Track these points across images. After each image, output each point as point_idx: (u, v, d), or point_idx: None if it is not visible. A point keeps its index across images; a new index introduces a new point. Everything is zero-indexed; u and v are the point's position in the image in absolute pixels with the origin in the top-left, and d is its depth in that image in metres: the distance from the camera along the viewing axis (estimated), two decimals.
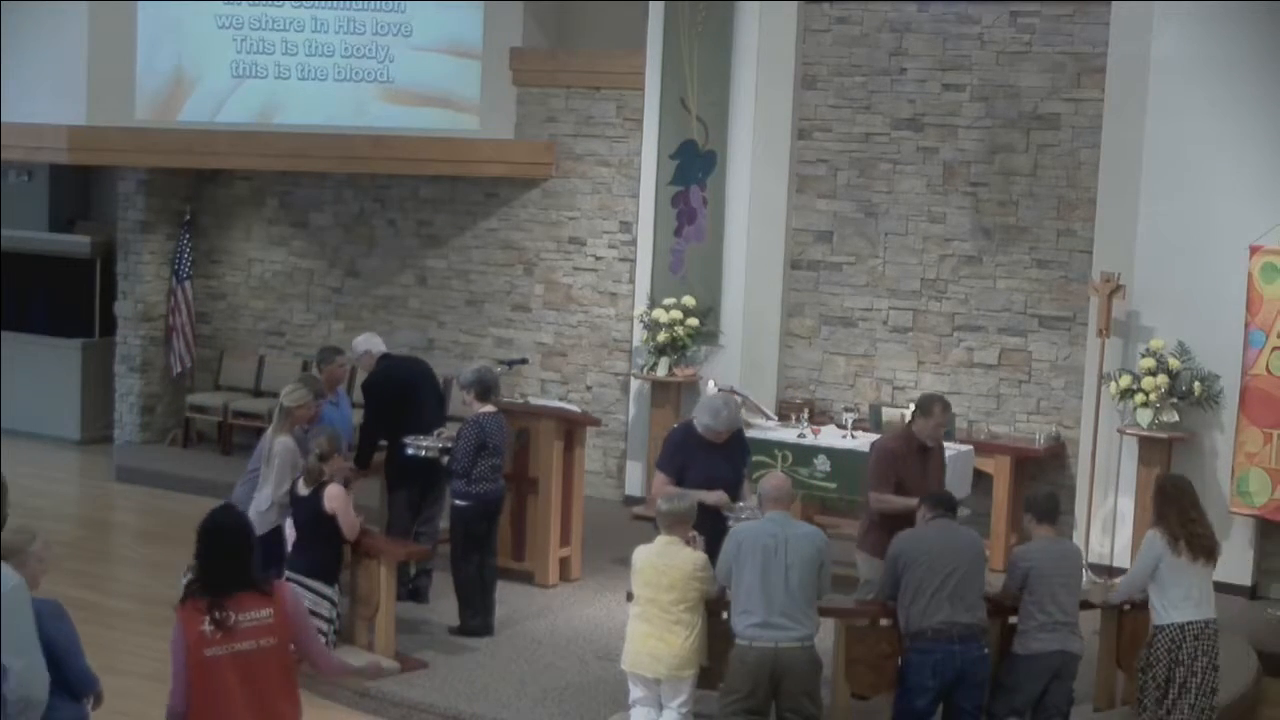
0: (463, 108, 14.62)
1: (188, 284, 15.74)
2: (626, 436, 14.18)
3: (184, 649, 5.96)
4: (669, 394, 13.59)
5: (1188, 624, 8.31)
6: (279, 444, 9.92)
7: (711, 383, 13.14)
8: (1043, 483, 12.27)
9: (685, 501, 8.37)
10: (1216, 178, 11.67)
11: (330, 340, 14.96)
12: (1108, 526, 12.02)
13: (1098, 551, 11.95)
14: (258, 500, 9.93)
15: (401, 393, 10.97)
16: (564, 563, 11.57)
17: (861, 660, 8.51)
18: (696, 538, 8.35)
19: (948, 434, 10.28)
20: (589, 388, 14.54)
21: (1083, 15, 12.52)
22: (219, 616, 6.00)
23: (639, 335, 13.79)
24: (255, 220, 16.14)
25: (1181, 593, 8.33)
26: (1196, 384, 11.66)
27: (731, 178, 13.55)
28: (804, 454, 11.50)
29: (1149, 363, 11.69)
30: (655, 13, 13.73)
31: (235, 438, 15.57)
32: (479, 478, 10.20)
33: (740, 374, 13.29)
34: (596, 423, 12.50)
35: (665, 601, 8.14)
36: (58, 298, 16.64)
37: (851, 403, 13.26)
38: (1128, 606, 8.99)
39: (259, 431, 11.99)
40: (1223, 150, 11.64)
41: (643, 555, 8.27)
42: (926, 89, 13.13)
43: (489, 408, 10.37)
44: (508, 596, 10.76)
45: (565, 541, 11.55)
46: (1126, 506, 11.90)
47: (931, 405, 9.30)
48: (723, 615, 8.29)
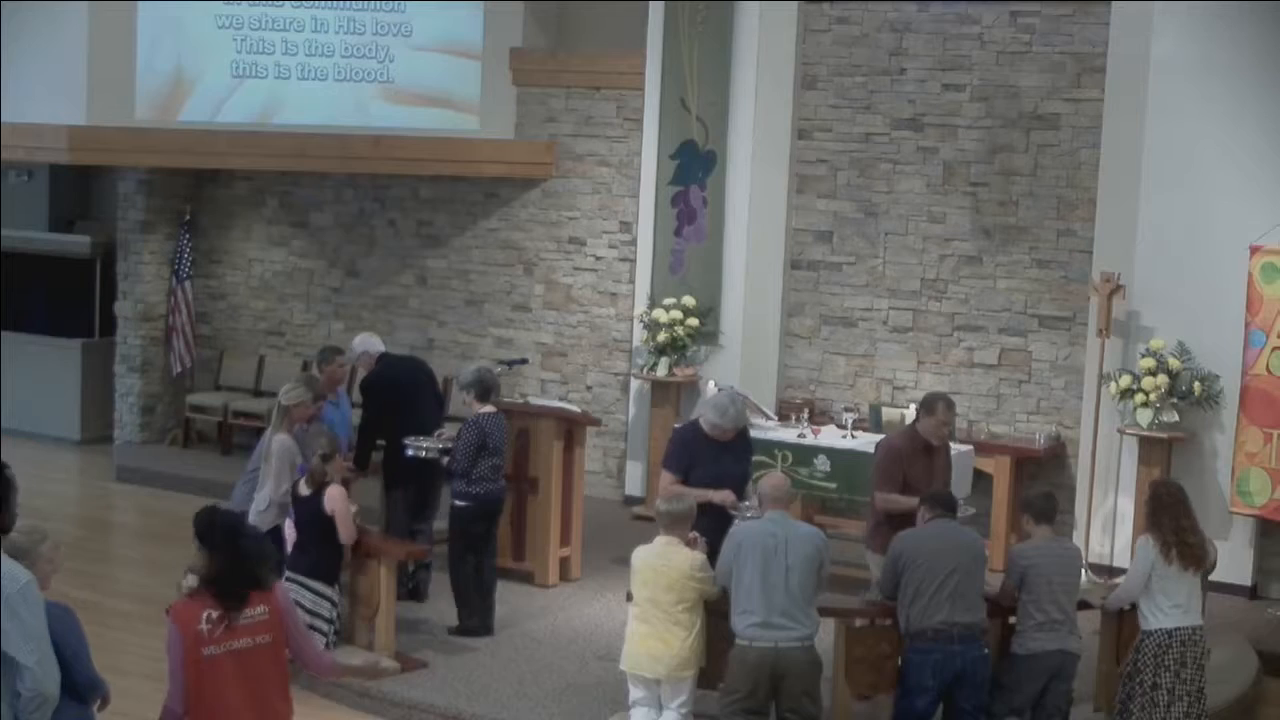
0: (463, 108, 14.62)
1: (188, 284, 15.74)
2: (626, 436, 14.18)
3: (181, 649, 5.96)
4: (669, 394, 13.59)
5: (1175, 630, 8.31)
6: (277, 442, 9.92)
7: (712, 383, 13.15)
8: (1043, 483, 12.24)
9: (684, 503, 8.37)
10: (1216, 178, 11.66)
11: (330, 340, 14.96)
12: (1108, 526, 12.02)
13: (1098, 551, 11.95)
14: (257, 500, 9.94)
15: (400, 392, 10.97)
16: (564, 563, 11.57)
17: (861, 660, 8.51)
18: (698, 539, 8.35)
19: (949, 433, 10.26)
20: (589, 388, 14.54)
21: (1083, 15, 12.52)
22: (229, 615, 6.01)
23: (639, 335, 13.79)
24: (255, 220, 16.14)
25: (1170, 600, 8.33)
26: (1196, 384, 11.65)
27: (731, 178, 13.55)
28: (804, 454, 11.50)
29: (1149, 363, 11.68)
30: (655, 13, 13.73)
31: (235, 438, 15.57)
32: (479, 478, 10.20)
33: (740, 374, 13.28)
34: (596, 423, 12.50)
35: (664, 602, 8.14)
36: (58, 298, 16.64)
37: (851, 403, 13.26)
38: (1126, 607, 8.98)
39: (259, 431, 12.00)
40: (1223, 150, 11.63)
41: (641, 556, 8.27)
42: (926, 89, 13.13)
43: (489, 408, 10.37)
44: (508, 596, 10.76)
45: (565, 541, 11.55)
46: (1126, 506, 11.89)
47: (935, 403, 9.31)
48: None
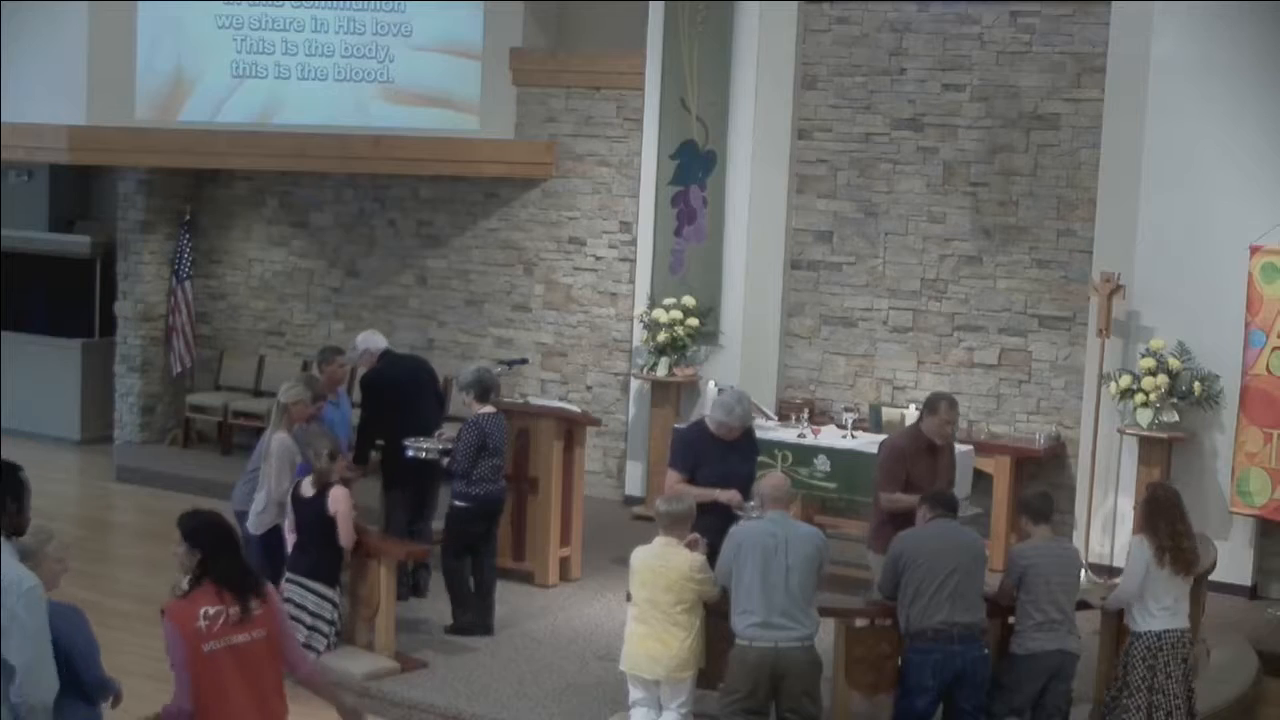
0: (463, 108, 14.62)
1: (188, 284, 15.73)
2: (626, 436, 14.18)
3: (183, 646, 5.96)
4: (669, 394, 13.59)
5: (1164, 632, 8.34)
6: (276, 441, 9.93)
7: (712, 383, 13.15)
8: (1042, 483, 12.25)
9: (684, 503, 8.37)
10: (1216, 178, 11.66)
11: (330, 340, 14.97)
12: (1108, 526, 12.02)
13: (1098, 551, 11.95)
14: (256, 500, 9.94)
15: (400, 391, 10.98)
16: (564, 563, 11.57)
17: (861, 660, 8.51)
18: (698, 539, 8.35)
19: None
20: (589, 388, 14.54)
21: (1083, 15, 12.52)
22: (244, 609, 6.05)
23: (639, 335, 13.79)
24: (255, 220, 16.14)
25: (1158, 603, 8.35)
26: (1196, 384, 11.65)
27: (731, 178, 13.55)
28: (804, 454, 11.51)
29: (1149, 363, 11.68)
30: (655, 13, 13.73)
31: (235, 438, 15.57)
32: (479, 479, 10.20)
33: (740, 374, 13.28)
34: (596, 423, 12.50)
35: (663, 603, 8.13)
36: (58, 298, 16.64)
37: (851, 403, 13.26)
38: (1126, 608, 8.98)
39: (259, 431, 11.99)
40: (1223, 150, 11.63)
41: (640, 557, 8.26)
42: (926, 89, 13.13)
43: (488, 408, 10.37)
44: (508, 596, 10.76)
45: (565, 541, 11.55)
46: (1126, 506, 11.88)
47: (938, 403, 9.31)
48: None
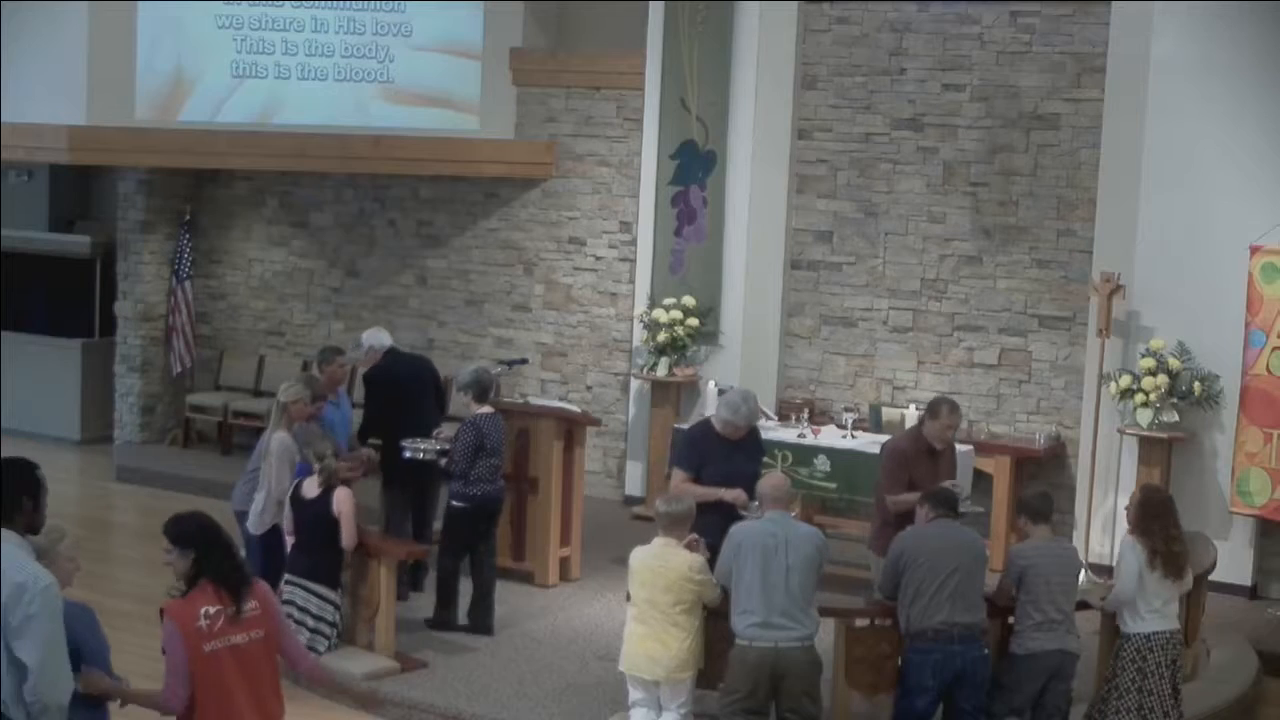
0: (463, 108, 14.62)
1: (188, 284, 15.73)
2: (626, 436, 14.18)
3: (183, 646, 5.96)
4: (669, 394, 13.59)
5: (1154, 634, 8.36)
6: (276, 440, 9.93)
7: (712, 383, 13.15)
8: (1042, 483, 12.25)
9: (683, 504, 8.36)
10: (1216, 178, 11.66)
11: (330, 340, 14.97)
12: (1108, 526, 12.01)
13: (1097, 551, 11.95)
14: (256, 500, 9.94)
15: (401, 389, 10.99)
16: (564, 563, 11.57)
17: (861, 660, 8.50)
18: (698, 540, 8.34)
19: None
20: (589, 388, 14.54)
21: (1083, 15, 12.52)
22: (238, 608, 6.06)
23: (639, 335, 13.79)
24: (255, 220, 16.14)
25: (1148, 605, 8.37)
26: (1196, 384, 11.65)
27: (731, 178, 13.55)
28: (804, 454, 11.51)
29: (1149, 363, 11.68)
30: (655, 13, 13.73)
31: (235, 438, 15.57)
32: (477, 479, 10.20)
33: (740, 374, 13.27)
34: (596, 423, 12.50)
35: (662, 603, 8.12)
36: (58, 298, 16.64)
37: (851, 403, 13.26)
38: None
39: (259, 431, 11.98)
40: (1223, 150, 11.63)
41: (639, 557, 8.25)
42: (926, 89, 13.13)
43: (486, 409, 10.38)
44: (508, 596, 10.76)
45: (565, 541, 11.54)
46: None
47: (939, 407, 9.30)
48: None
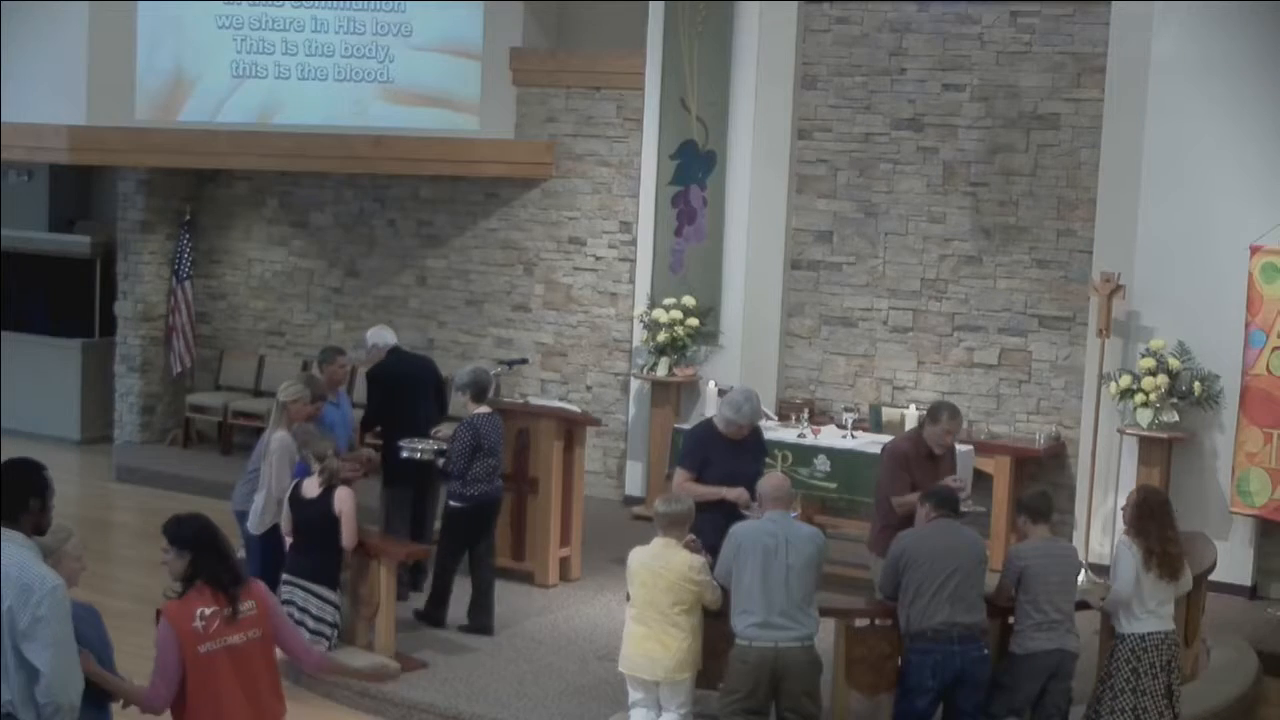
0: (463, 108, 14.62)
1: (188, 284, 15.73)
2: (626, 436, 14.18)
3: (176, 647, 5.98)
4: (669, 394, 13.58)
5: (1148, 635, 8.36)
6: (276, 440, 9.92)
7: (713, 383, 13.15)
8: (1042, 482, 12.26)
9: (683, 504, 8.36)
10: (1216, 178, 11.66)
11: (330, 340, 14.98)
12: (1107, 527, 12.01)
13: (1097, 552, 11.94)
14: (256, 501, 9.93)
15: (403, 387, 11.00)
16: (564, 563, 11.57)
17: (861, 660, 8.50)
18: (695, 541, 8.33)
19: None
20: (589, 388, 14.54)
21: (1083, 15, 12.52)
22: (234, 609, 6.07)
23: (639, 335, 13.79)
24: (255, 220, 16.13)
25: (1143, 606, 8.37)
26: (1196, 384, 11.65)
27: (731, 178, 13.54)
28: (804, 454, 11.51)
29: (1149, 363, 11.68)
30: (655, 13, 13.73)
31: (235, 438, 15.57)
32: (474, 479, 10.20)
33: (740, 374, 13.27)
34: (596, 423, 12.50)
35: (662, 604, 8.12)
36: (58, 298, 16.63)
37: (851, 403, 13.26)
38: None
39: (259, 431, 11.99)
40: (1223, 150, 11.63)
41: (639, 558, 8.24)
42: (926, 89, 13.13)
43: (484, 409, 10.38)
44: (508, 596, 10.76)
45: (565, 541, 11.55)
46: None
47: (939, 412, 9.28)
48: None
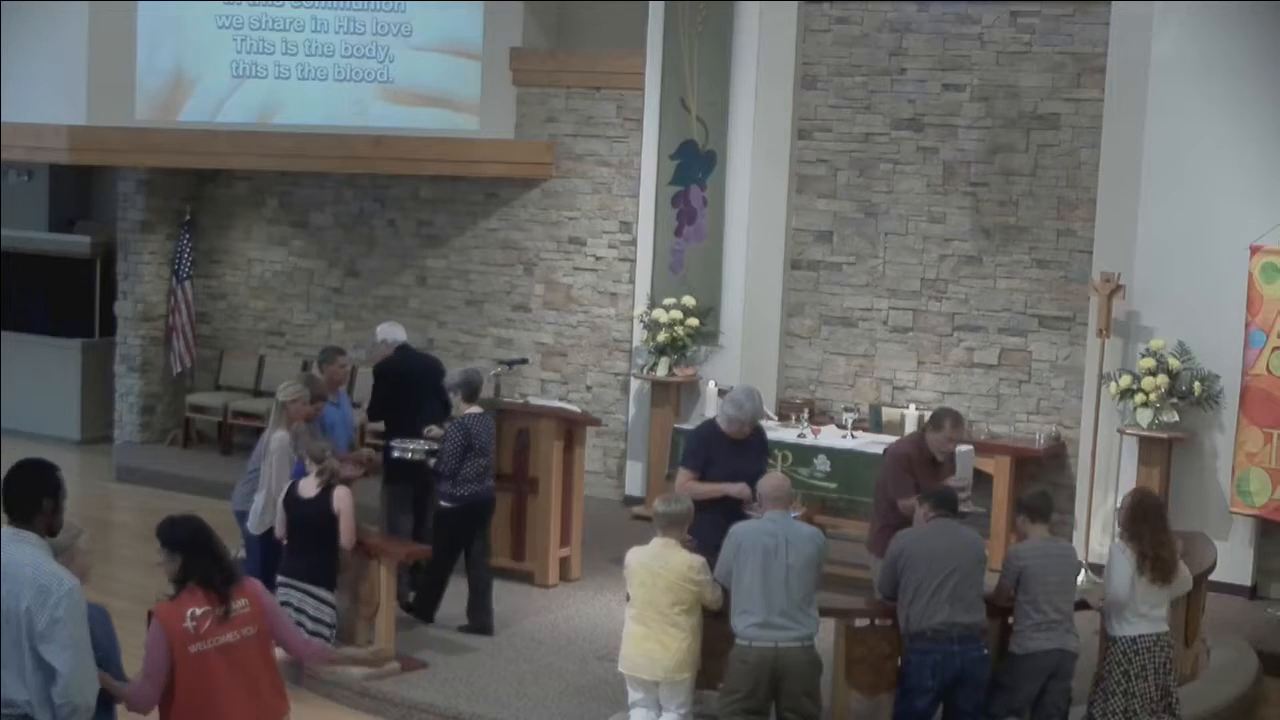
0: (463, 108, 14.62)
1: (188, 284, 15.73)
2: (626, 436, 14.17)
3: (166, 648, 6.00)
4: (669, 394, 13.58)
5: (1140, 637, 8.37)
6: (275, 440, 9.92)
7: (713, 383, 13.15)
8: (1042, 482, 12.26)
9: (682, 504, 8.35)
10: (1216, 178, 11.66)
11: (330, 340, 14.98)
12: (1107, 526, 11.99)
13: (1097, 552, 11.92)
14: (256, 501, 9.93)
15: (407, 385, 11.01)
16: (564, 563, 11.57)
17: (861, 660, 8.50)
18: (690, 541, 8.32)
19: None
20: (589, 388, 14.54)
21: (1083, 15, 12.52)
22: (226, 609, 6.09)
23: (639, 335, 13.79)
24: (255, 220, 16.13)
25: (1135, 610, 8.38)
26: (1196, 384, 11.65)
27: (731, 178, 13.54)
28: (804, 454, 11.51)
29: (1149, 363, 11.68)
30: (655, 13, 13.73)
31: (235, 438, 15.57)
32: (464, 479, 10.22)
33: (740, 374, 13.26)
34: (596, 423, 12.50)
35: (661, 604, 8.11)
36: (58, 298, 16.64)
37: (851, 403, 13.26)
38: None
39: (259, 431, 11.98)
40: (1223, 150, 11.63)
41: (638, 558, 8.23)
42: (926, 89, 13.13)
43: (475, 409, 10.40)
44: (508, 596, 10.76)
45: (565, 541, 11.55)
46: None
47: (943, 419, 9.25)
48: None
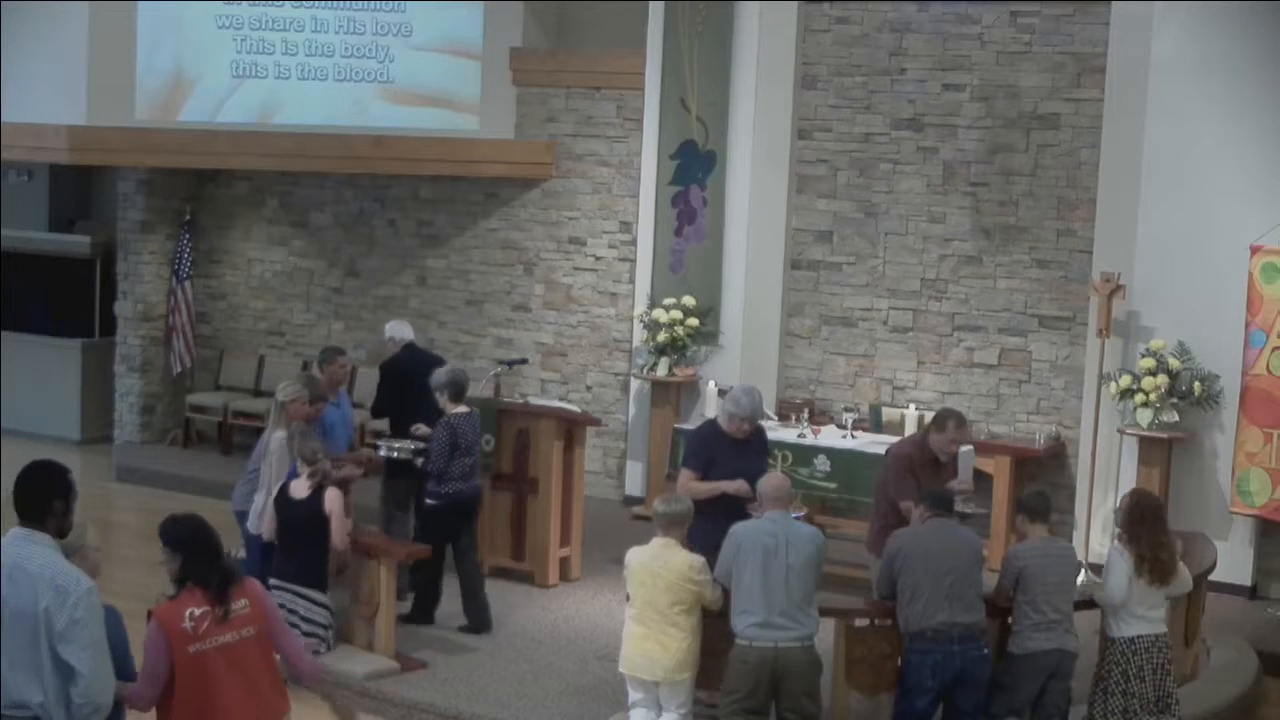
0: (463, 108, 14.62)
1: (188, 284, 15.73)
2: (626, 436, 14.17)
3: (164, 648, 6.02)
4: (669, 394, 13.58)
5: (1138, 638, 8.39)
6: (275, 440, 9.92)
7: (712, 383, 13.15)
8: (1042, 482, 12.26)
9: (682, 503, 8.36)
10: (1216, 178, 11.66)
11: (330, 340, 14.98)
12: (1107, 526, 11.99)
13: (1097, 552, 11.91)
14: (256, 500, 9.93)
15: (411, 384, 11.03)
16: (564, 563, 11.57)
17: (861, 660, 8.51)
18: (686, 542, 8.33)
19: None
20: (589, 388, 14.54)
21: (1083, 15, 12.52)
22: (225, 609, 6.11)
23: (639, 335, 13.79)
24: (255, 220, 16.13)
25: (1132, 611, 8.39)
26: (1196, 384, 11.65)
27: (731, 178, 13.54)
28: (804, 454, 11.51)
29: (1149, 363, 11.68)
30: (655, 13, 13.73)
31: (235, 438, 15.57)
32: (450, 478, 10.26)
33: (740, 374, 13.25)
34: (596, 423, 12.50)
35: (661, 604, 8.11)
36: (58, 298, 16.63)
37: (851, 403, 13.26)
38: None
39: (259, 431, 11.98)
40: (1223, 150, 11.64)
41: (638, 558, 8.23)
42: (926, 89, 13.13)
43: (462, 408, 10.43)
44: (508, 596, 10.77)
45: (565, 541, 11.55)
46: None
47: (945, 421, 9.25)
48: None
